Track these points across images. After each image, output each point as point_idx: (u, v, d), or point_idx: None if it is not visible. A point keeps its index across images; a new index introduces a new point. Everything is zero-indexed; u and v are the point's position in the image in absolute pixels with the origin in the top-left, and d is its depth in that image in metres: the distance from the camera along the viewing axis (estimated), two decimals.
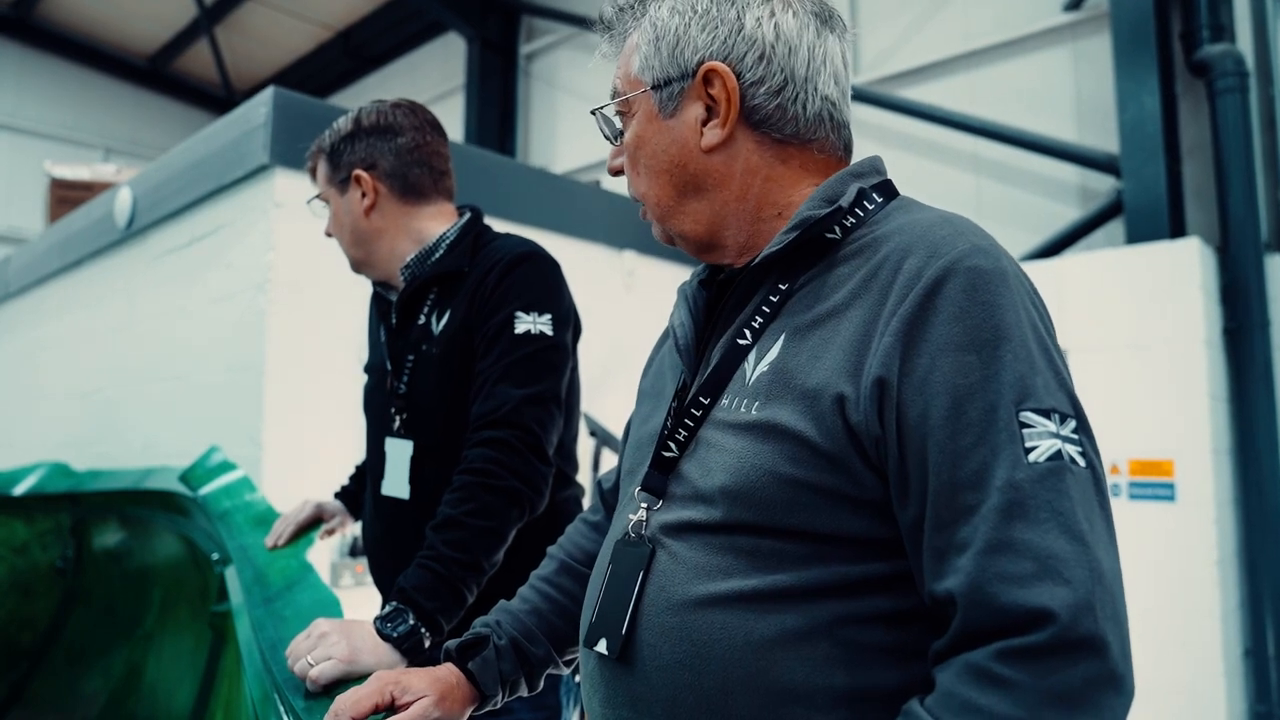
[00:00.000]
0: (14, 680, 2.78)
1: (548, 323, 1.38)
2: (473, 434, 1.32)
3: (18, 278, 5.22)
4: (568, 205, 3.74)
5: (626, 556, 0.83)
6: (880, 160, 0.89)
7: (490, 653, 0.99)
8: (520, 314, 1.36)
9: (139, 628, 2.41)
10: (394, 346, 1.50)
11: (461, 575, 1.20)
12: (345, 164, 1.49)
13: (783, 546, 0.74)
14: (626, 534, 0.85)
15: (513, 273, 1.39)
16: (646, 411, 0.97)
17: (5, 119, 11.34)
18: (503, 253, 1.42)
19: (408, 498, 1.42)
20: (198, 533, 2.01)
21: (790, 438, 0.74)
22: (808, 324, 0.79)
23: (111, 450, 3.73)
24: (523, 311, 1.36)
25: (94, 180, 4.85)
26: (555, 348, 1.38)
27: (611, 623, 0.81)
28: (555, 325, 1.38)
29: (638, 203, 0.92)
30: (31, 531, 2.87)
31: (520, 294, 1.38)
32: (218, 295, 3.03)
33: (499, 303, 1.37)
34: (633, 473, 0.92)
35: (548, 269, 1.44)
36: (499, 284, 1.39)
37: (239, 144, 2.92)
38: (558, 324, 1.39)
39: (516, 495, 1.28)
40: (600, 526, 1.10)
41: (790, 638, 0.73)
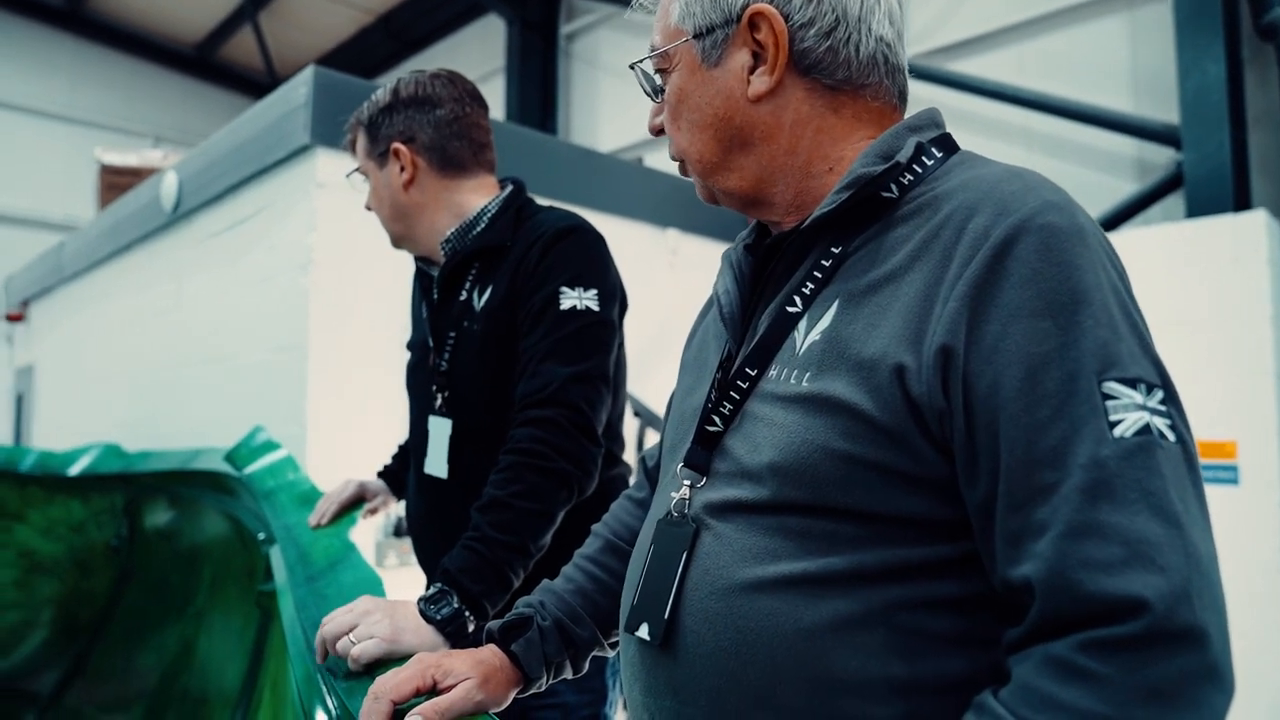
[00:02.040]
0: (76, 653, 2.85)
1: (594, 298, 1.33)
2: (519, 413, 1.29)
3: (71, 263, 5.32)
4: (610, 183, 3.70)
5: (668, 537, 0.79)
6: (938, 113, 0.83)
7: (534, 634, 0.95)
8: (565, 289, 1.32)
9: (190, 605, 2.45)
10: (435, 323, 1.47)
11: (507, 558, 1.17)
12: (383, 137, 1.45)
13: (836, 527, 0.70)
14: (669, 513, 0.80)
15: (557, 247, 1.35)
16: (689, 384, 0.93)
17: (61, 110, 11.60)
18: (546, 226, 1.38)
19: (446, 476, 1.40)
20: (244, 512, 2.03)
21: (844, 411, 0.69)
22: (863, 289, 0.73)
23: (160, 431, 3.79)
24: (568, 286, 1.32)
25: (142, 166, 4.92)
26: (602, 324, 1.34)
27: (653, 607, 0.78)
28: (601, 300, 1.34)
29: (678, 160, 0.87)
30: (88, 511, 2.94)
31: (565, 268, 1.34)
32: (261, 276, 3.04)
33: (543, 278, 1.33)
34: (675, 448, 0.88)
35: (592, 242, 1.40)
36: (543, 258, 1.34)
37: (280, 125, 2.92)
38: (604, 299, 1.35)
39: (565, 477, 1.24)
40: (645, 503, 1.06)
41: (843, 624, 0.68)
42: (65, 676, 2.86)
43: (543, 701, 1.31)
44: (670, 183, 4.06)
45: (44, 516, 2.96)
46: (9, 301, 6.88)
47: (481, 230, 1.44)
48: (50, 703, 2.84)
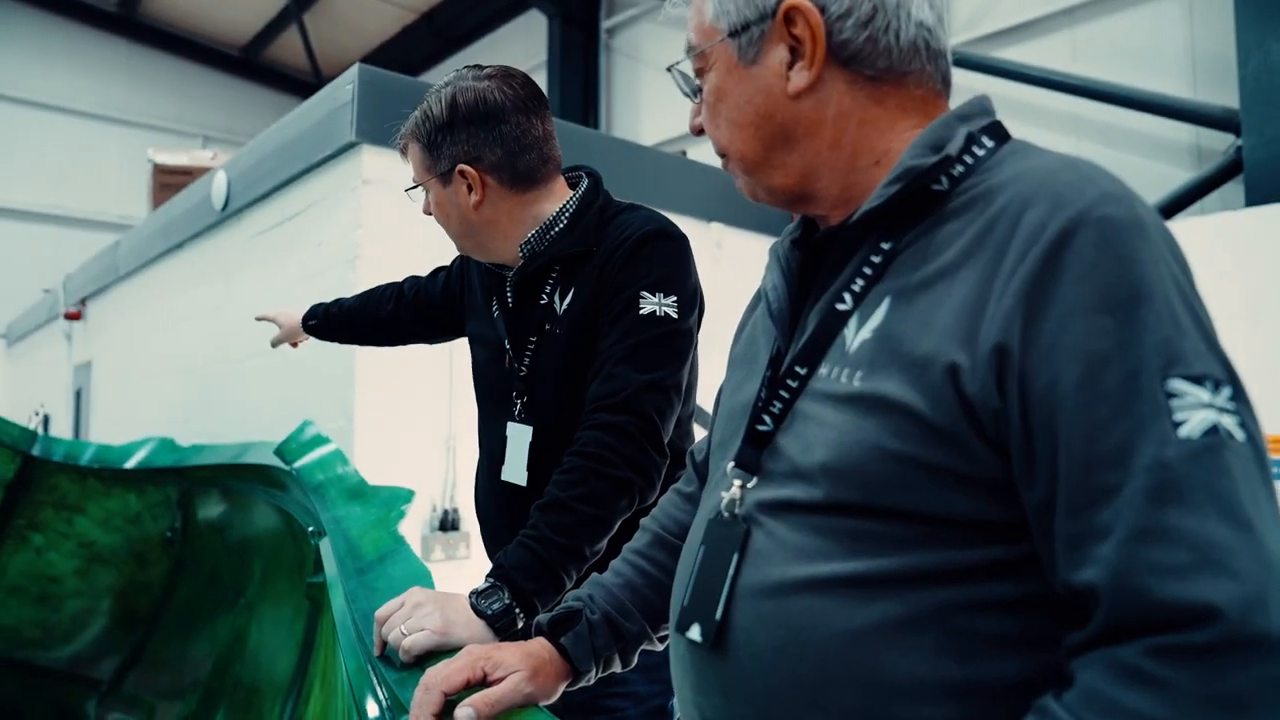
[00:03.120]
0: (134, 642, 2.91)
1: (673, 305, 1.30)
2: (589, 416, 1.26)
3: (126, 261, 5.45)
4: (653, 177, 3.69)
5: (719, 536, 0.78)
6: (988, 100, 0.80)
7: (583, 627, 0.95)
8: (646, 294, 1.29)
9: (241, 596, 2.49)
10: (513, 326, 1.43)
11: (562, 560, 1.16)
12: (446, 156, 1.35)
13: (888, 528, 0.68)
14: (719, 513, 0.79)
15: (642, 250, 1.32)
16: (738, 380, 0.92)
17: (116, 113, 11.90)
18: (633, 229, 1.34)
19: (525, 484, 1.38)
20: (294, 505, 2.05)
21: (897, 411, 0.68)
22: (915, 286, 0.71)
23: (212, 425, 3.87)
24: (649, 292, 1.29)
25: (192, 165, 5.02)
26: (679, 332, 1.30)
27: (704, 607, 0.77)
28: (681, 308, 1.31)
29: (722, 157, 0.86)
30: (143, 503, 3.00)
31: (648, 273, 1.30)
32: (309, 272, 3.09)
33: (625, 281, 1.30)
34: (724, 445, 0.87)
35: (677, 247, 1.36)
36: (627, 262, 1.31)
37: (326, 123, 2.96)
38: (683, 306, 1.31)
39: (627, 485, 1.22)
40: (693, 498, 1.05)
41: (895, 626, 0.67)
42: (124, 664, 2.93)
43: (613, 690, 1.31)
44: (714, 176, 4.04)
45: (102, 509, 3.04)
46: (68, 300, 7.07)
47: (561, 232, 1.39)
48: (110, 689, 2.91)
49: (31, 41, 11.47)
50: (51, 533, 3.04)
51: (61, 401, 7.34)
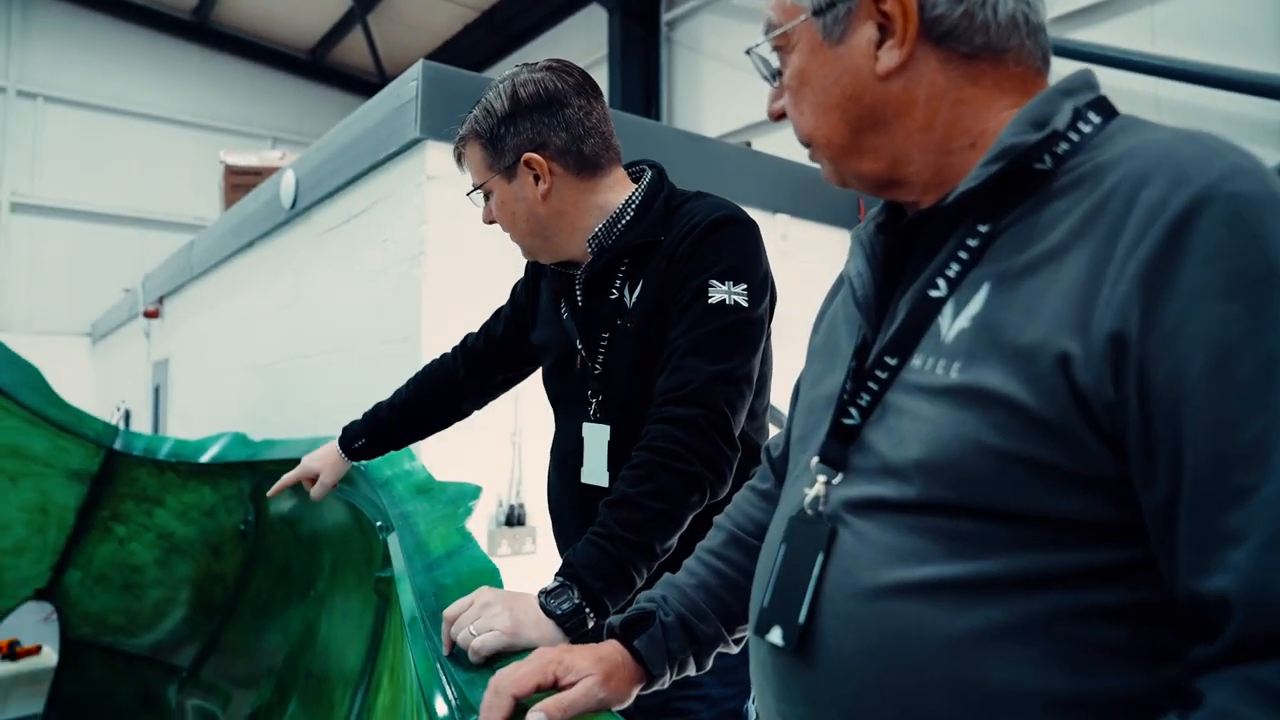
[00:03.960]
0: (210, 631, 2.98)
1: (744, 293, 1.26)
2: (657, 409, 1.23)
3: (200, 261, 5.60)
4: (718, 168, 3.64)
5: (803, 536, 0.74)
6: (1092, 74, 0.75)
7: (656, 630, 0.92)
8: (715, 282, 1.25)
9: (312, 589, 2.52)
10: (584, 325, 1.41)
11: (632, 557, 1.12)
12: (511, 148, 1.33)
13: (989, 529, 0.64)
14: (802, 510, 0.75)
15: (711, 238, 1.28)
16: (819, 372, 0.87)
17: (190, 117, 12.29)
18: (700, 216, 1.31)
19: (607, 485, 1.35)
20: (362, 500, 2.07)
21: (999, 404, 0.63)
22: (1018, 271, 0.66)
23: (283, 420, 3.94)
24: (718, 280, 1.25)
25: (262, 166, 5.13)
26: (750, 321, 1.26)
27: (787, 610, 0.73)
28: (751, 296, 1.27)
29: (806, 144, 0.82)
30: (217, 496, 3.07)
31: (716, 260, 1.26)
32: (375, 269, 3.12)
33: (693, 269, 1.27)
34: (805, 440, 0.83)
35: (746, 234, 1.31)
36: (696, 250, 1.28)
37: (391, 120, 2.98)
38: (754, 294, 1.27)
39: (698, 480, 1.19)
40: (770, 495, 1.01)
41: (998, 633, 0.62)
42: (202, 652, 3.01)
43: (686, 693, 1.28)
44: (779, 167, 3.98)
45: (179, 501, 3.11)
46: (146, 299, 7.31)
47: (628, 223, 1.37)
48: (190, 675, 2.99)
49: (112, 51, 11.91)
50: (133, 524, 3.13)
51: (142, 397, 7.59)
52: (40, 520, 3.05)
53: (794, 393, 0.98)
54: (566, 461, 1.44)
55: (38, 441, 2.95)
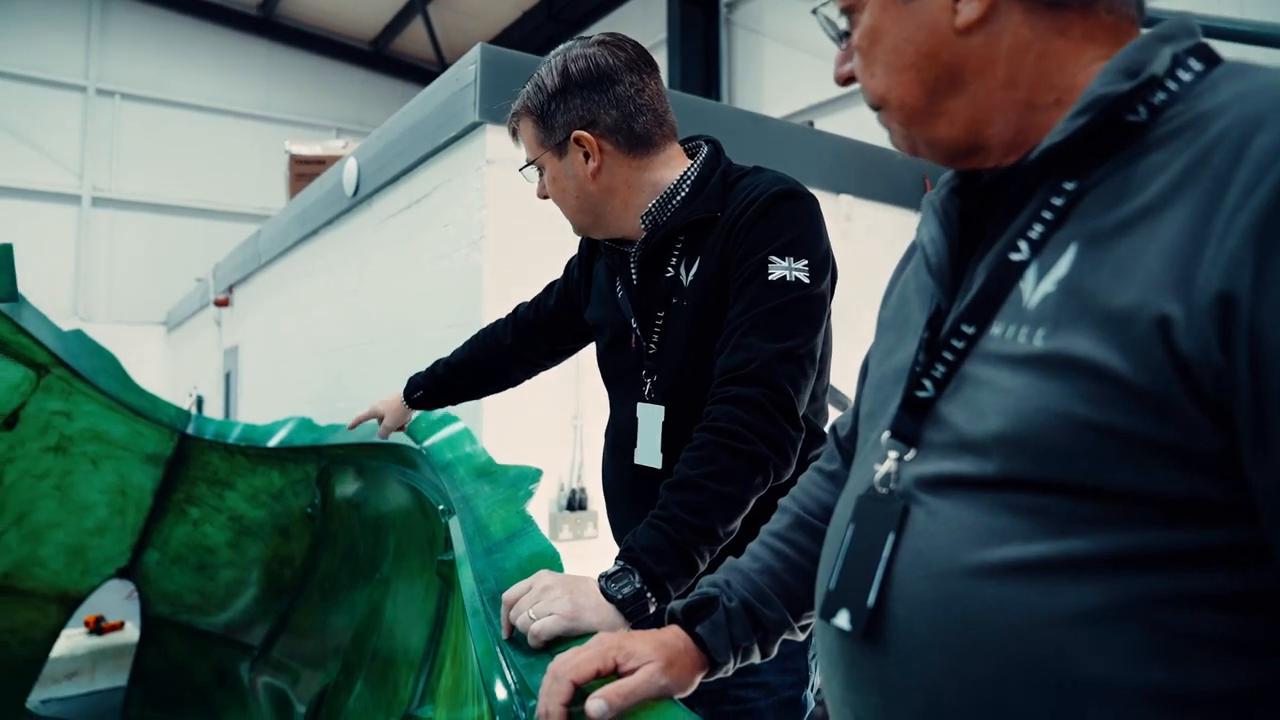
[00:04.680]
0: (280, 611, 3.05)
1: (805, 269, 1.22)
2: (718, 388, 1.20)
3: (267, 249, 5.72)
4: (780, 148, 3.57)
5: (873, 514, 0.70)
6: (1192, 19, 0.68)
7: (720, 615, 0.89)
8: (775, 258, 1.21)
9: (377, 571, 2.55)
10: (639, 303, 1.39)
11: (694, 541, 1.10)
12: (561, 125, 1.32)
13: (1078, 506, 0.59)
14: (872, 488, 0.71)
15: (770, 212, 1.24)
16: (889, 345, 0.82)
17: (256, 110, 12.59)
18: (759, 190, 1.27)
19: (660, 467, 1.33)
20: (424, 484, 2.07)
21: (1091, 372, 0.58)
22: (1110, 230, 0.61)
23: (347, 404, 4.00)
24: (778, 256, 1.21)
25: (325, 155, 5.21)
26: (811, 298, 1.23)
27: (855, 592, 0.69)
28: (812, 272, 1.23)
29: (876, 108, 0.77)
30: (285, 480, 3.12)
31: (777, 235, 1.23)
32: (436, 254, 3.13)
33: (753, 245, 1.23)
34: (874, 416, 0.78)
35: (807, 209, 1.28)
36: (755, 225, 1.24)
37: (450, 105, 2.98)
38: (815, 271, 1.23)
39: (762, 461, 1.15)
40: (836, 477, 0.97)
41: (1089, 618, 0.57)
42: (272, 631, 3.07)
43: (744, 680, 1.24)
44: (842, 146, 3.89)
45: (249, 485, 3.18)
46: (217, 288, 7.51)
47: (684, 199, 1.34)
48: (261, 654, 3.06)
49: (183, 48, 12.25)
50: (206, 507, 3.21)
51: (214, 383, 7.81)
52: (120, 502, 3.15)
53: (862, 369, 0.93)
54: (621, 443, 1.42)
55: (116, 426, 3.04)
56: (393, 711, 2.10)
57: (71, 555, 3.12)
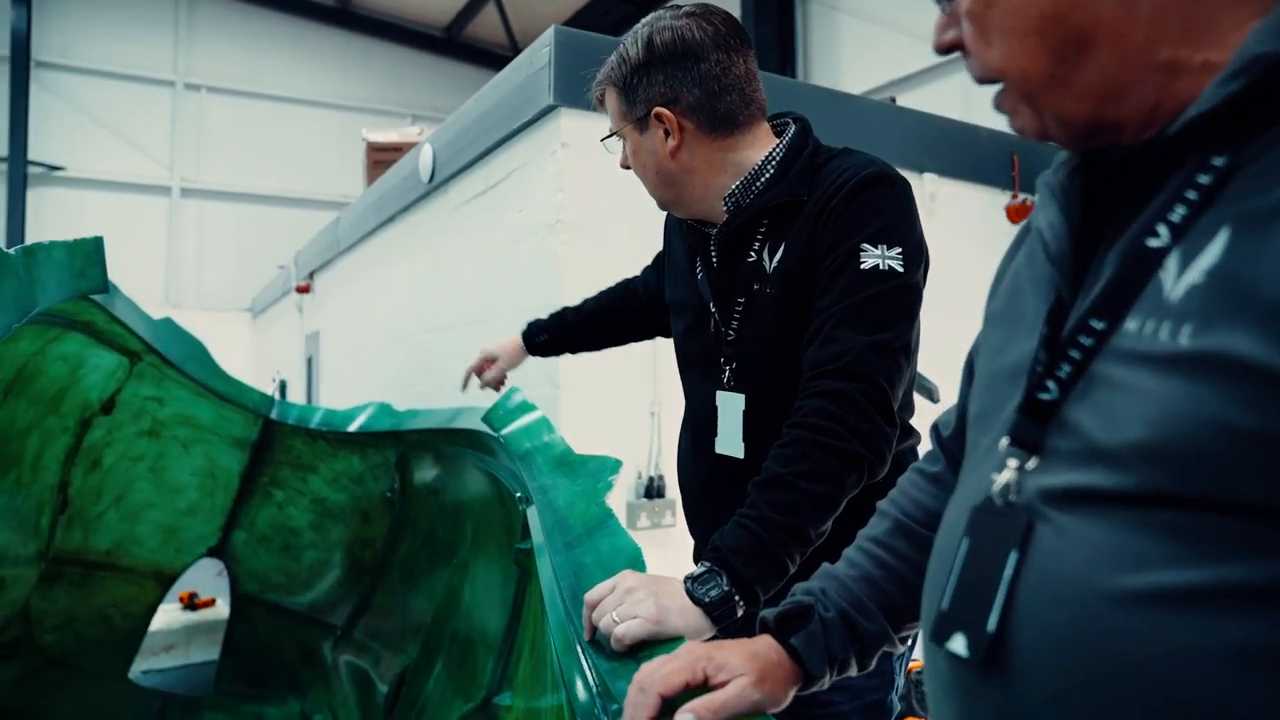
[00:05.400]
0: (361, 592, 3.10)
1: (898, 257, 1.16)
2: (808, 383, 1.15)
3: (345, 236, 5.82)
4: (860, 126, 3.46)
5: (991, 529, 0.64)
6: None
7: (815, 626, 0.84)
8: (867, 246, 1.16)
9: (455, 556, 2.57)
10: (719, 286, 1.35)
11: (785, 542, 1.05)
12: (642, 100, 1.28)
13: (1237, 527, 0.51)
14: (989, 499, 0.65)
15: (860, 197, 1.19)
16: (1000, 340, 0.75)
17: (335, 99, 12.84)
18: (848, 174, 1.21)
19: (743, 457, 1.30)
20: (502, 470, 2.06)
21: (1250, 374, 0.50)
22: (1269, 211, 0.52)
23: (424, 390, 4.04)
24: (870, 243, 1.16)
25: (401, 141, 5.26)
26: (906, 288, 1.17)
27: (972, 615, 0.62)
28: (907, 260, 1.17)
29: (988, 82, 0.69)
30: (365, 464, 3.17)
31: (868, 222, 1.17)
32: (512, 239, 3.12)
33: (844, 232, 1.18)
34: (986, 418, 0.72)
35: (900, 193, 1.22)
36: (844, 210, 1.19)
37: (524, 88, 2.95)
38: (909, 259, 1.17)
39: (856, 459, 1.10)
40: (940, 480, 0.90)
41: (1248, 656, 0.50)
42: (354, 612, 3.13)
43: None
44: (926, 123, 3.75)
45: (331, 469, 3.23)
46: (298, 274, 7.68)
47: (768, 181, 1.28)
48: (343, 634, 3.12)
49: (264, 41, 12.57)
50: (289, 490, 3.28)
51: (296, 368, 8.01)
52: (209, 484, 3.24)
53: (967, 365, 0.86)
54: (700, 430, 1.38)
55: (204, 411, 3.12)
56: (471, 696, 2.11)
57: (166, 534, 3.23)
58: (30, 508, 2.83)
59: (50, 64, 11.33)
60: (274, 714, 3.08)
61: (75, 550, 3.07)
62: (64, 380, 2.72)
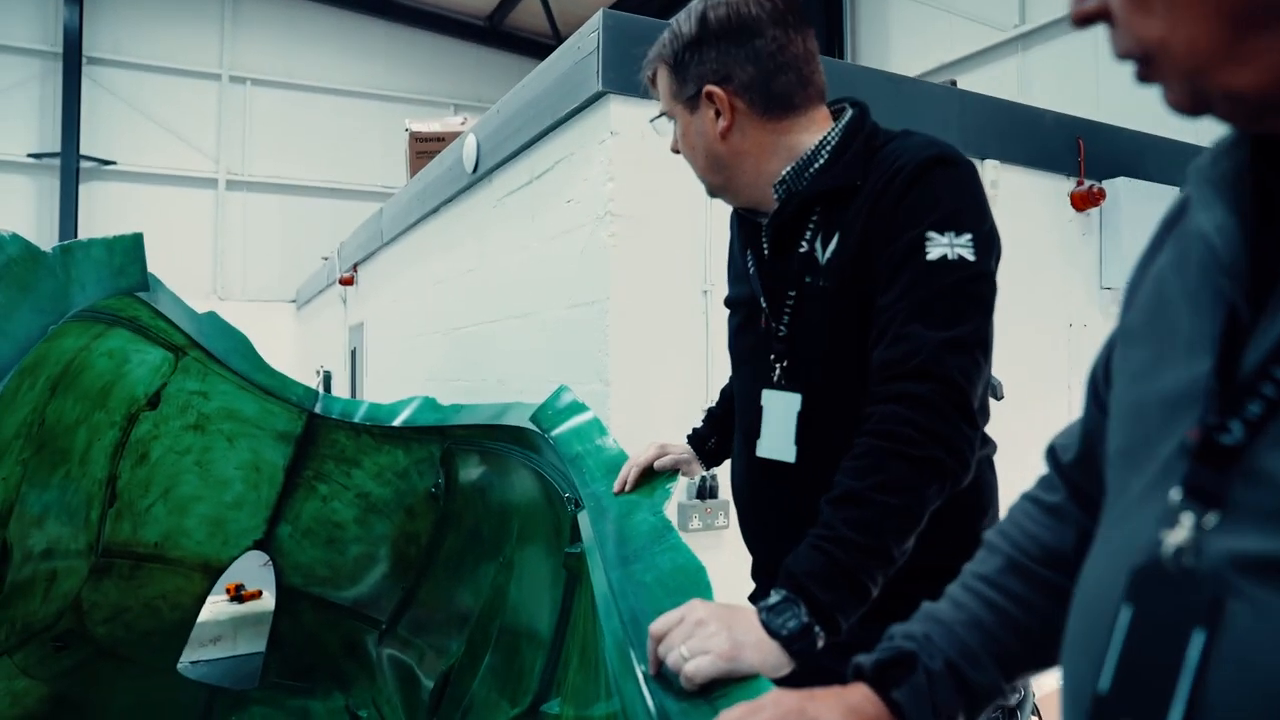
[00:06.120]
0: (405, 588, 3.08)
1: (968, 244, 1.06)
2: (879, 386, 1.06)
3: (389, 228, 5.80)
4: (918, 110, 3.32)
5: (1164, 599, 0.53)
6: None
7: (920, 678, 0.73)
8: (933, 234, 1.06)
9: (500, 554, 2.53)
10: (769, 279, 1.26)
11: (865, 564, 0.96)
12: (693, 77, 1.23)
13: None
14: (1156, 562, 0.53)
15: (922, 181, 1.09)
16: (1145, 361, 0.63)
17: (377, 90, 12.89)
18: (907, 156, 1.12)
19: (794, 460, 1.21)
20: (550, 469, 2.01)
21: None
22: None
23: (470, 385, 4.00)
24: (936, 231, 1.06)
25: (445, 131, 5.21)
26: (979, 277, 1.07)
27: (1144, 703, 0.51)
28: (978, 247, 1.07)
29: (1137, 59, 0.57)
30: (409, 459, 3.14)
31: (933, 208, 1.08)
32: (559, 230, 3.04)
33: (906, 220, 1.08)
34: (1134, 455, 0.60)
35: (966, 176, 1.12)
36: (904, 195, 1.09)
37: (571, 75, 2.87)
38: (980, 245, 1.07)
39: (938, 467, 1.00)
40: (1059, 512, 0.79)
41: None
42: (399, 607, 3.12)
43: None
44: (986, 107, 3.60)
45: (375, 463, 3.22)
46: (342, 266, 7.71)
47: (821, 167, 1.20)
48: (388, 629, 3.10)
49: (307, 32, 12.65)
50: (334, 484, 3.27)
51: (340, 360, 8.06)
52: (254, 477, 3.25)
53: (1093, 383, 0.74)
54: (747, 432, 1.30)
55: (248, 405, 3.12)
56: (518, 700, 2.06)
57: (213, 527, 3.24)
58: (80, 501, 2.84)
59: (101, 60, 11.51)
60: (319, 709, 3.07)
61: (124, 543, 3.09)
62: (110, 375, 2.73)
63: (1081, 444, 0.76)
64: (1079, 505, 0.77)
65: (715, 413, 1.60)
